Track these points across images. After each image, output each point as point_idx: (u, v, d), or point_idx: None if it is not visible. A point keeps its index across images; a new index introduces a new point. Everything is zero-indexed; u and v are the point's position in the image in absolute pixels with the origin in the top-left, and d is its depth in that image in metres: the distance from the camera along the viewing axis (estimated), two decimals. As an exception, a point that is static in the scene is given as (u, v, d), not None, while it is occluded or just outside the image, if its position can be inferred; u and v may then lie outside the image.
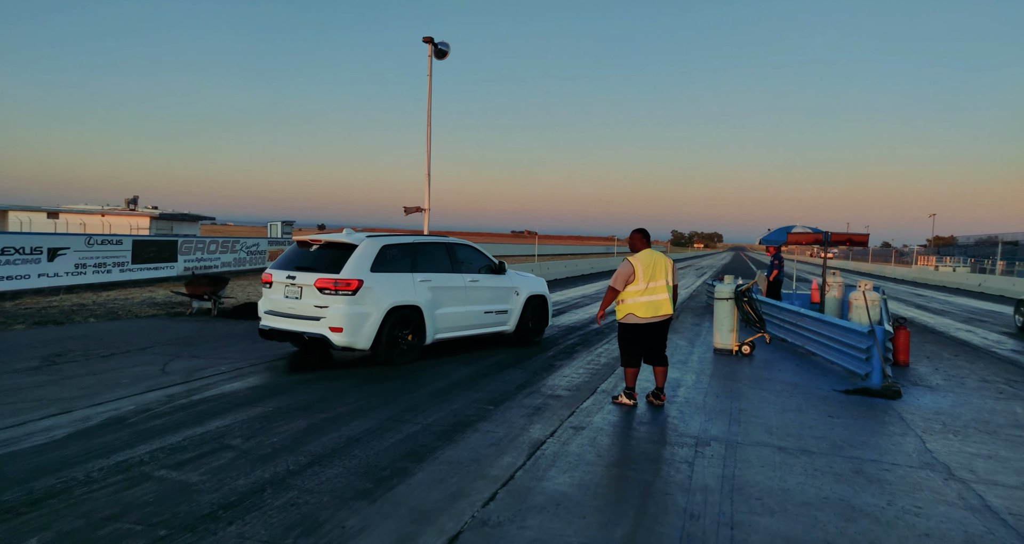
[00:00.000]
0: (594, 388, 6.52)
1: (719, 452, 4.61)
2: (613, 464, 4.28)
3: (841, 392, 6.74)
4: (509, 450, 4.44)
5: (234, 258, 21.47)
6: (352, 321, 6.67)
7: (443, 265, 7.88)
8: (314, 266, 6.97)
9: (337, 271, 6.76)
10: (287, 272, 7.03)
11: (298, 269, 7.01)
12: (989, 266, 42.17)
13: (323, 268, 6.87)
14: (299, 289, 6.90)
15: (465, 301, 8.07)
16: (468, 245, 8.55)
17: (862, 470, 4.34)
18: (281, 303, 7.04)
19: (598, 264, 34.58)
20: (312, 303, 6.77)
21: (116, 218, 43.33)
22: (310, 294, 6.80)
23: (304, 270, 6.96)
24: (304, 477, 3.71)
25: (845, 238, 11.89)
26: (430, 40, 16.31)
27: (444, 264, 7.90)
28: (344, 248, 7.03)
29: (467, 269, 8.25)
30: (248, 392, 5.73)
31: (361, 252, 6.95)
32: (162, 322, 10.04)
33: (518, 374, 7.05)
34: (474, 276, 8.28)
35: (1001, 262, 41.66)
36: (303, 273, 6.92)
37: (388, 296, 7.00)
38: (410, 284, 7.34)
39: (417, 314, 7.36)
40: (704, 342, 9.84)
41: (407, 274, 7.36)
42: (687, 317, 13.60)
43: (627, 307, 5.74)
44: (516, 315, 8.87)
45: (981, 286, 27.13)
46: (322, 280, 6.72)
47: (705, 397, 6.33)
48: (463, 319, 8.08)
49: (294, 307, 6.91)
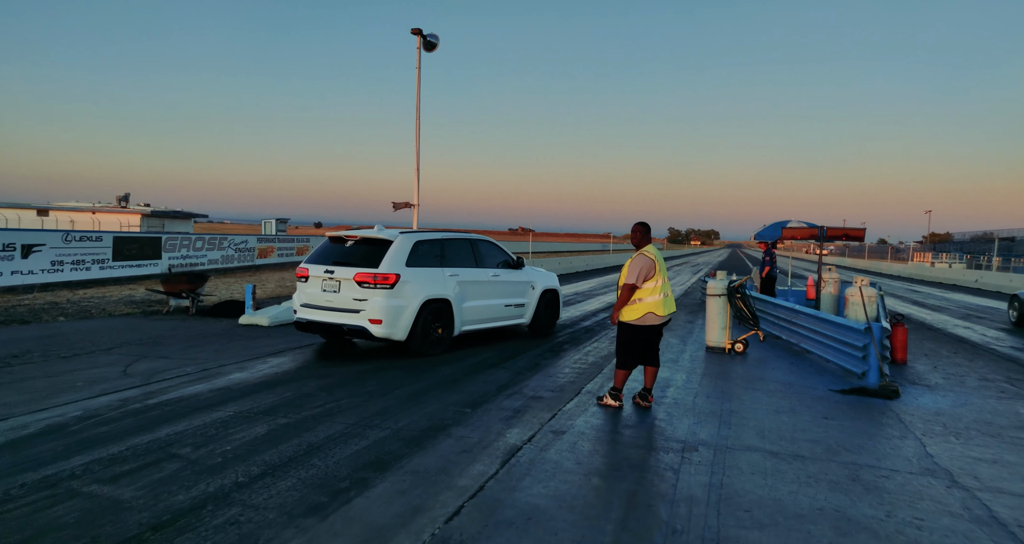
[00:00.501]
0: (579, 389, 6.22)
1: (707, 458, 4.32)
2: (593, 472, 3.98)
3: (837, 392, 6.46)
4: (482, 457, 4.14)
5: (222, 255, 21.10)
6: (390, 313, 6.97)
7: (468, 260, 8.19)
8: (352, 261, 7.22)
9: (375, 266, 7.03)
10: (325, 267, 7.25)
11: (336, 264, 7.25)
12: (985, 262, 42.06)
13: (361, 263, 7.14)
14: (337, 283, 7.16)
15: (488, 295, 8.39)
16: (489, 241, 8.84)
17: (859, 477, 4.06)
18: (318, 296, 7.27)
19: (593, 261, 34.30)
20: (351, 296, 7.04)
21: (106, 215, 42.86)
22: (349, 288, 7.07)
23: (342, 265, 7.21)
24: (252, 490, 3.40)
25: (841, 233, 11.62)
26: (418, 32, 15.95)
27: (468, 259, 8.22)
28: (380, 244, 7.30)
29: (488, 264, 8.55)
30: (211, 395, 5.41)
31: (397, 248, 7.23)
32: (136, 321, 9.70)
33: (501, 374, 6.74)
34: (495, 271, 8.58)
35: (997, 258, 41.55)
36: (342, 268, 7.17)
37: (422, 290, 7.30)
38: (441, 278, 7.63)
39: (447, 307, 7.66)
40: (697, 340, 9.55)
41: (437, 269, 7.65)
42: (680, 314, 13.31)
43: (646, 306, 5.36)
44: (532, 308, 9.19)
45: (978, 282, 26.97)
46: (361, 274, 7.00)
47: (695, 398, 6.04)
48: (486, 312, 8.39)
49: (332, 300, 7.17)
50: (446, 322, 7.67)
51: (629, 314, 5.41)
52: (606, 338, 9.57)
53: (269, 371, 6.43)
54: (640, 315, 5.37)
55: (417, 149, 16.74)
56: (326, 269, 7.24)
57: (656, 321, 5.41)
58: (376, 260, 7.09)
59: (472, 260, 8.27)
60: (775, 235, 12.35)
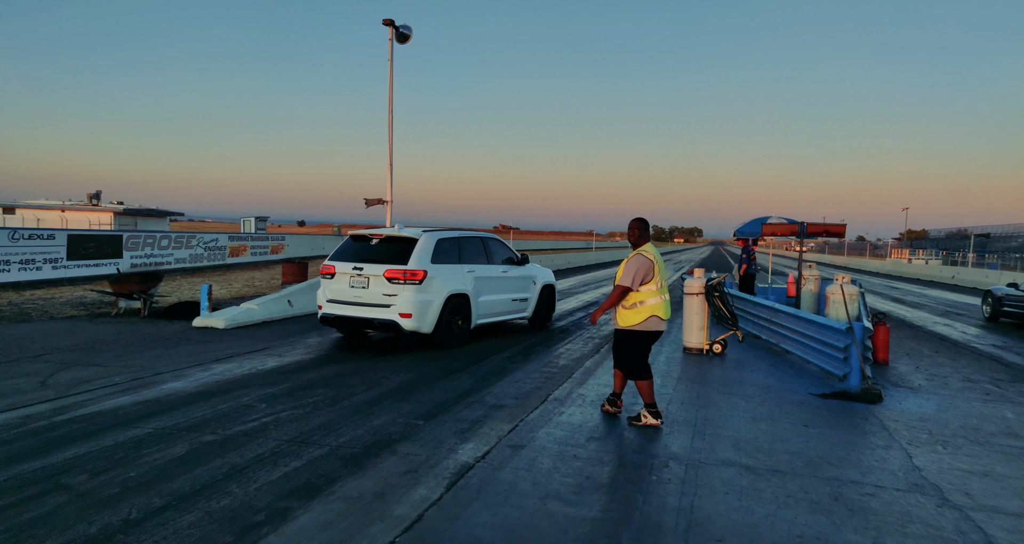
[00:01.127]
0: (545, 396, 5.81)
1: (678, 475, 3.93)
2: (551, 495, 3.56)
3: (817, 396, 6.13)
4: (427, 479, 3.70)
5: (190, 254, 20.34)
6: (419, 308, 7.31)
7: (480, 257, 8.56)
8: (379, 258, 7.51)
9: (403, 263, 7.34)
10: (353, 264, 7.52)
11: (364, 261, 7.51)
12: (960, 258, 42.65)
13: (389, 260, 7.44)
14: (366, 279, 7.44)
15: (499, 290, 8.79)
16: (497, 239, 9.27)
17: (842, 495, 3.69)
18: (346, 292, 7.54)
19: (574, 259, 34.00)
20: (381, 292, 7.36)
21: (76, 213, 41.49)
22: (378, 283, 7.39)
23: (370, 262, 7.49)
24: (143, 530, 2.91)
25: (822, 229, 11.36)
26: (390, 23, 15.40)
27: (481, 256, 8.60)
28: (406, 242, 7.60)
29: (497, 260, 8.91)
30: (133, 409, 4.88)
31: (422, 245, 7.56)
32: (78, 325, 9.07)
33: (463, 381, 6.30)
34: (503, 267, 8.98)
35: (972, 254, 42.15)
36: (370, 265, 7.45)
37: (446, 285, 7.66)
38: (460, 274, 8.01)
39: (466, 301, 8.05)
40: (674, 340, 9.20)
41: (457, 265, 8.02)
42: (659, 313, 12.99)
43: (649, 309, 4.85)
44: (534, 303, 9.63)
45: (955, 278, 27.15)
46: (391, 271, 7.31)
47: (669, 404, 5.66)
48: (497, 306, 8.79)
49: (361, 295, 7.46)
50: (464, 316, 8.04)
51: (631, 318, 4.86)
52: (579, 339, 9.18)
53: (209, 380, 5.91)
54: (643, 319, 4.83)
55: (390, 144, 16.22)
56: (354, 266, 7.49)
57: (661, 326, 4.91)
58: (403, 257, 7.40)
59: (484, 257, 8.65)
60: (755, 232, 12.07)
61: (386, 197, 16.15)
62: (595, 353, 8.07)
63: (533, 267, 9.68)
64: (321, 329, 9.24)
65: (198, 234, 21.40)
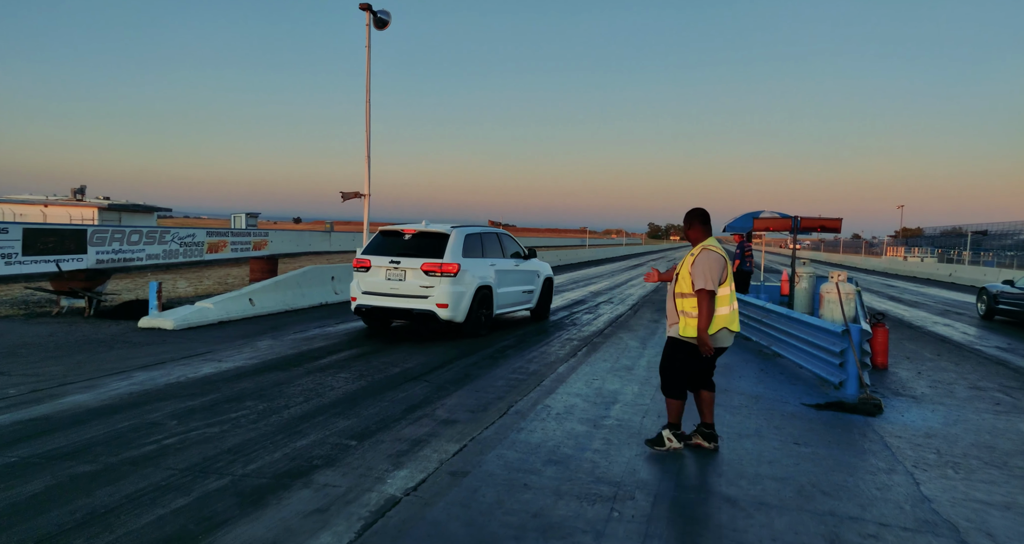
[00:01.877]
0: (505, 408, 5.16)
1: (644, 510, 3.29)
2: (486, 540, 2.92)
3: (811, 407, 5.51)
4: (337, 520, 3.05)
5: (163, 250, 19.58)
6: (454, 298, 7.81)
7: (497, 251, 9.06)
8: (414, 252, 7.95)
9: (438, 256, 7.81)
10: (390, 257, 7.97)
11: (400, 255, 7.96)
12: (956, 256, 42.23)
13: (423, 254, 7.90)
14: (403, 272, 7.89)
15: (513, 282, 9.31)
16: (508, 235, 9.72)
17: (839, 537, 3.06)
18: (382, 284, 7.96)
19: (566, 256, 33.39)
20: (418, 284, 7.83)
21: (59, 208, 40.54)
22: (415, 276, 7.83)
23: (405, 256, 7.93)
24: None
25: (817, 223, 10.75)
26: (367, 7, 14.68)
27: (497, 250, 9.11)
28: (438, 237, 8.07)
29: (508, 255, 9.39)
30: (9, 430, 4.17)
31: (454, 240, 8.05)
32: (8, 325, 8.36)
33: (418, 390, 5.65)
34: (516, 261, 9.51)
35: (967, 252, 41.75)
36: (407, 258, 7.90)
37: (476, 278, 8.19)
38: (485, 267, 8.50)
39: (490, 293, 8.56)
40: (658, 343, 8.57)
41: (482, 259, 8.51)
42: (646, 312, 12.37)
43: (720, 320, 4.02)
44: (537, 295, 10.19)
45: (952, 276, 26.65)
46: (428, 264, 7.77)
47: (644, 417, 5.03)
48: (511, 298, 9.30)
49: (397, 287, 7.91)
50: (488, 306, 8.55)
51: (692, 328, 4.02)
52: (554, 341, 8.53)
53: (124, 391, 5.23)
54: (715, 329, 4.02)
55: (367, 135, 15.52)
56: (391, 260, 7.93)
57: (729, 342, 4.13)
58: (437, 251, 7.87)
59: (500, 251, 9.17)
60: (746, 226, 11.44)
61: (363, 191, 15.47)
62: (571, 356, 7.44)
63: (536, 261, 10.17)
64: (277, 330, 8.58)
65: (172, 229, 20.66)
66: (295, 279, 11.39)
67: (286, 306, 10.72)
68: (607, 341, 8.72)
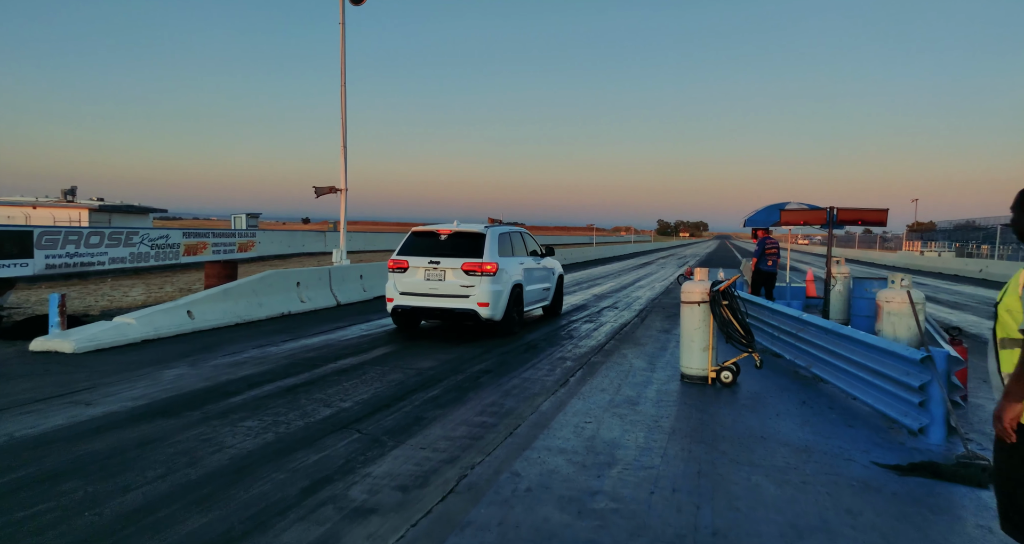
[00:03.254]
0: (455, 480, 3.61)
1: None
2: None
3: (889, 469, 3.92)
4: None
5: (130, 253, 18.18)
6: (494, 297, 7.95)
7: (521, 250, 9.20)
8: (452, 252, 8.06)
9: (478, 256, 7.96)
10: (428, 258, 8.06)
11: (438, 255, 8.05)
12: (974, 250, 40.32)
13: (462, 254, 8.01)
14: (443, 272, 7.99)
15: (537, 280, 9.50)
16: (528, 233, 9.87)
17: None
18: (420, 285, 8.05)
19: (571, 255, 31.75)
20: (459, 283, 7.93)
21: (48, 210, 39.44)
22: (456, 275, 7.95)
23: (444, 256, 8.04)
24: None
25: (856, 216, 9.07)
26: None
27: (522, 249, 9.23)
28: (474, 237, 8.20)
29: (528, 253, 9.47)
30: None
31: (491, 240, 8.19)
32: None
33: (341, 448, 4.12)
34: (536, 259, 9.61)
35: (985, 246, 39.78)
36: (446, 259, 8.00)
37: (511, 277, 8.36)
38: (516, 266, 8.64)
39: (520, 291, 8.67)
40: (670, 362, 7.00)
41: (512, 257, 8.64)
42: (656, 320, 10.76)
43: None
44: (552, 292, 10.39)
45: (983, 272, 24.76)
46: (469, 264, 7.90)
47: (652, 491, 3.48)
48: (534, 295, 9.44)
49: (437, 287, 8.00)
50: (519, 304, 8.64)
51: None
52: (538, 365, 6.96)
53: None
54: None
55: (343, 124, 14.02)
56: (431, 260, 8.02)
57: None
58: (475, 251, 8.00)
59: (524, 249, 9.30)
60: (771, 220, 9.84)
61: (340, 185, 13.97)
62: (561, 384, 5.88)
63: (551, 259, 10.33)
64: (206, 352, 7.08)
65: (143, 230, 19.27)
66: (250, 286, 9.90)
67: (237, 318, 9.24)
68: (608, 360, 7.16)
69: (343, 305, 11.60)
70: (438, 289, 8.01)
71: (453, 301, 7.96)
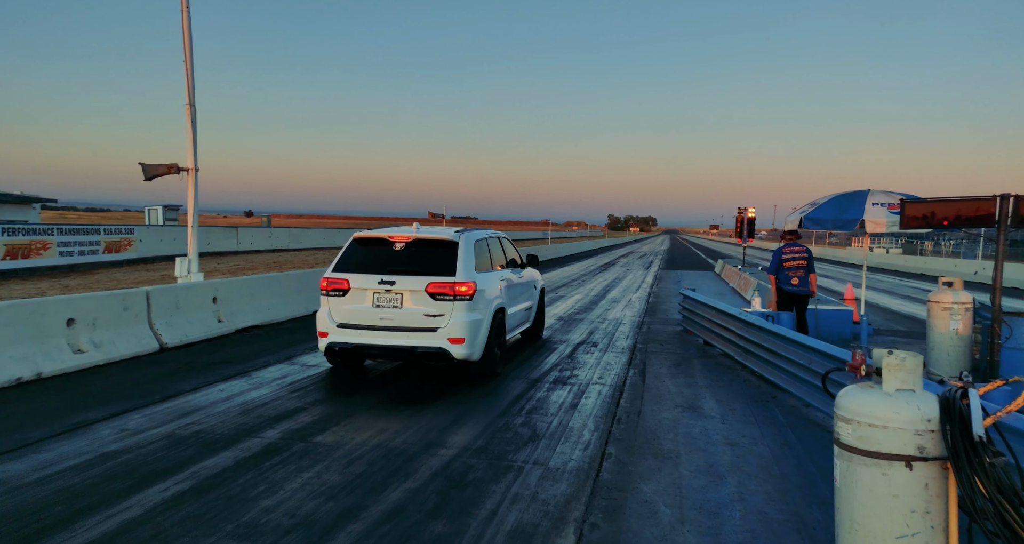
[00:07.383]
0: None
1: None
2: None
3: None
4: None
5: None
6: (471, 330, 5.90)
7: (500, 260, 7.22)
8: (411, 268, 5.98)
9: (449, 273, 5.94)
10: (379, 276, 5.93)
11: (392, 272, 5.94)
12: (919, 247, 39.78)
13: (428, 270, 5.97)
14: (398, 296, 5.93)
15: (518, 299, 7.48)
16: (507, 238, 7.89)
17: None
18: (368, 314, 5.94)
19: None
20: (422, 312, 5.88)
21: None
22: (418, 301, 5.90)
23: (400, 273, 5.94)
24: None
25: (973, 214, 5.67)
26: None
27: (501, 259, 7.25)
28: (443, 246, 6.14)
29: (508, 263, 7.44)
30: None
31: (464, 250, 6.16)
32: None
33: None
34: (516, 270, 7.59)
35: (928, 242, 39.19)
36: (403, 277, 5.92)
37: (491, 299, 6.37)
38: (496, 283, 6.64)
39: (503, 316, 6.70)
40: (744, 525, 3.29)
41: (491, 272, 6.67)
42: (662, 373, 7.04)
43: None
44: (534, 310, 8.37)
45: (978, 275, 22.66)
46: (436, 284, 5.85)
47: None
48: (517, 318, 7.43)
49: (391, 318, 5.91)
50: (501, 335, 6.65)
51: None
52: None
53: None
54: None
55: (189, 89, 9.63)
56: (381, 279, 5.90)
57: None
58: (444, 266, 5.96)
59: (504, 259, 7.34)
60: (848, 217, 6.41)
61: (186, 164, 9.65)
62: None
63: (531, 269, 8.42)
64: None
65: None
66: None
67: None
68: (609, 523, 3.38)
69: (171, 348, 7.40)
70: (393, 320, 5.92)
71: (414, 336, 5.86)
